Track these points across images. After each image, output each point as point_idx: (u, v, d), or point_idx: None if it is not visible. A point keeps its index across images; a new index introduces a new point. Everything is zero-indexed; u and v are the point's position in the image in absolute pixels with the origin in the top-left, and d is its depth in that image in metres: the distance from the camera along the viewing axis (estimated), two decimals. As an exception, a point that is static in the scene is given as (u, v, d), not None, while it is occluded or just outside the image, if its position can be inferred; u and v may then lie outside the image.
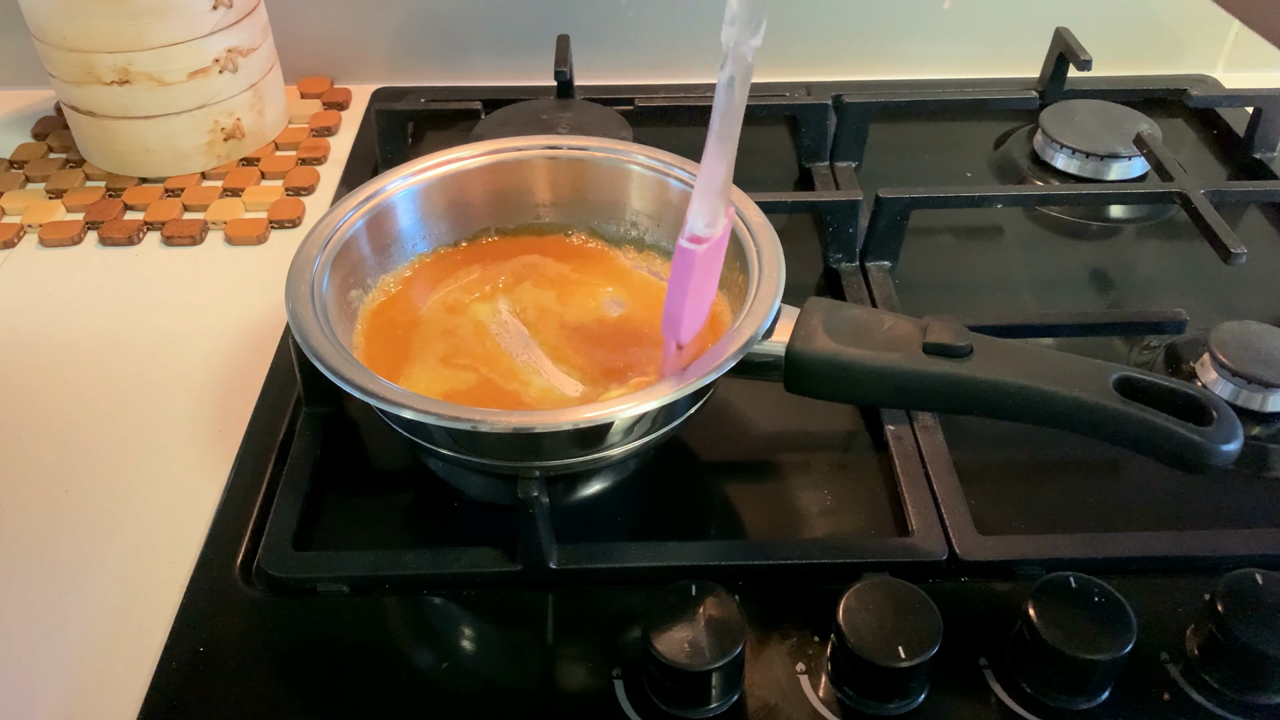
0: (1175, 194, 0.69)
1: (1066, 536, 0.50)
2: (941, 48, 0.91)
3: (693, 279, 0.46)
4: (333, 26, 0.90)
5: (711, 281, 0.48)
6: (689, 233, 0.45)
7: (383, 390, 0.45)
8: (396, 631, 0.47)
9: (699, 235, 0.45)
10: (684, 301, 0.46)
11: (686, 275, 0.46)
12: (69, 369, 0.62)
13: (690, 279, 0.46)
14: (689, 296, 0.46)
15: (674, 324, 0.47)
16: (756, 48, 0.41)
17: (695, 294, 0.47)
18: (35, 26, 0.74)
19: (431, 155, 0.60)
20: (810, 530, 0.52)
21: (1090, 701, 0.43)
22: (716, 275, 0.49)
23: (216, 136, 0.79)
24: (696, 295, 0.47)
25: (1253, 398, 0.56)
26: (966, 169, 0.81)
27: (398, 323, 0.55)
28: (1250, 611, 0.43)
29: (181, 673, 0.45)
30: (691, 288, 0.46)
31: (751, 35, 0.41)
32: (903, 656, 0.41)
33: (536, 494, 0.46)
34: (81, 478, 0.55)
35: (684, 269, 0.46)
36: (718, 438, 0.56)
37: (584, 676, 0.45)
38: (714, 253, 0.47)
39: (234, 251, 0.73)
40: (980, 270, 0.71)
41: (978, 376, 0.45)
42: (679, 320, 0.47)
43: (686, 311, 0.47)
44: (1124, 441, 0.44)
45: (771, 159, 0.82)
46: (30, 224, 0.74)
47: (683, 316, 0.47)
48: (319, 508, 0.53)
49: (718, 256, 0.48)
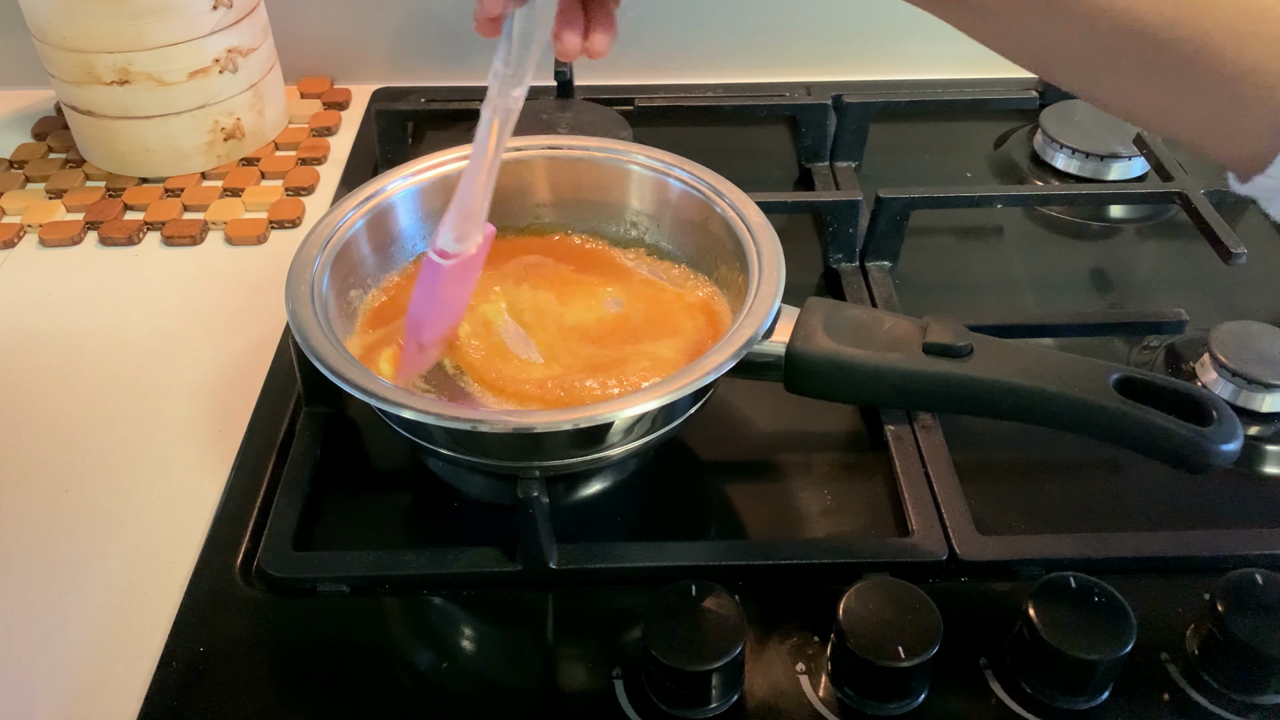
0: (1175, 194, 0.69)
1: (1066, 536, 0.50)
2: (941, 48, 0.91)
3: (440, 290, 0.49)
4: (333, 26, 0.90)
5: (463, 294, 0.51)
6: (438, 246, 0.49)
7: (383, 390, 0.45)
8: (396, 631, 0.47)
9: (447, 251, 0.49)
10: (430, 309, 0.50)
11: (434, 285, 0.49)
12: (69, 369, 0.62)
13: (437, 289, 0.49)
14: (436, 306, 0.50)
15: (417, 327, 0.50)
16: (519, 99, 0.46)
17: (442, 304, 0.50)
18: (35, 26, 0.74)
19: (431, 155, 0.60)
20: (810, 530, 0.52)
21: (1090, 701, 0.43)
22: (468, 288, 0.52)
23: (216, 136, 0.79)
24: (445, 307, 0.50)
25: (1253, 398, 0.56)
26: (966, 169, 0.81)
27: (396, 322, 0.55)
28: (1250, 611, 0.43)
29: (181, 673, 0.45)
30: (439, 297, 0.50)
31: (514, 87, 0.46)
32: (903, 656, 0.41)
33: (536, 494, 0.46)
34: (82, 478, 0.55)
35: (431, 279, 0.49)
36: (718, 438, 0.56)
37: (584, 676, 0.45)
38: (463, 269, 0.50)
39: (234, 251, 0.73)
40: (980, 270, 0.71)
41: (978, 376, 0.45)
42: (422, 324, 0.50)
43: (430, 318, 0.50)
44: (1124, 441, 0.44)
45: (771, 159, 0.82)
46: (30, 224, 0.74)
47: (425, 322, 0.50)
48: (319, 508, 0.53)
49: (469, 273, 0.51)
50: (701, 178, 0.58)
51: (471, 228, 0.49)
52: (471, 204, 0.48)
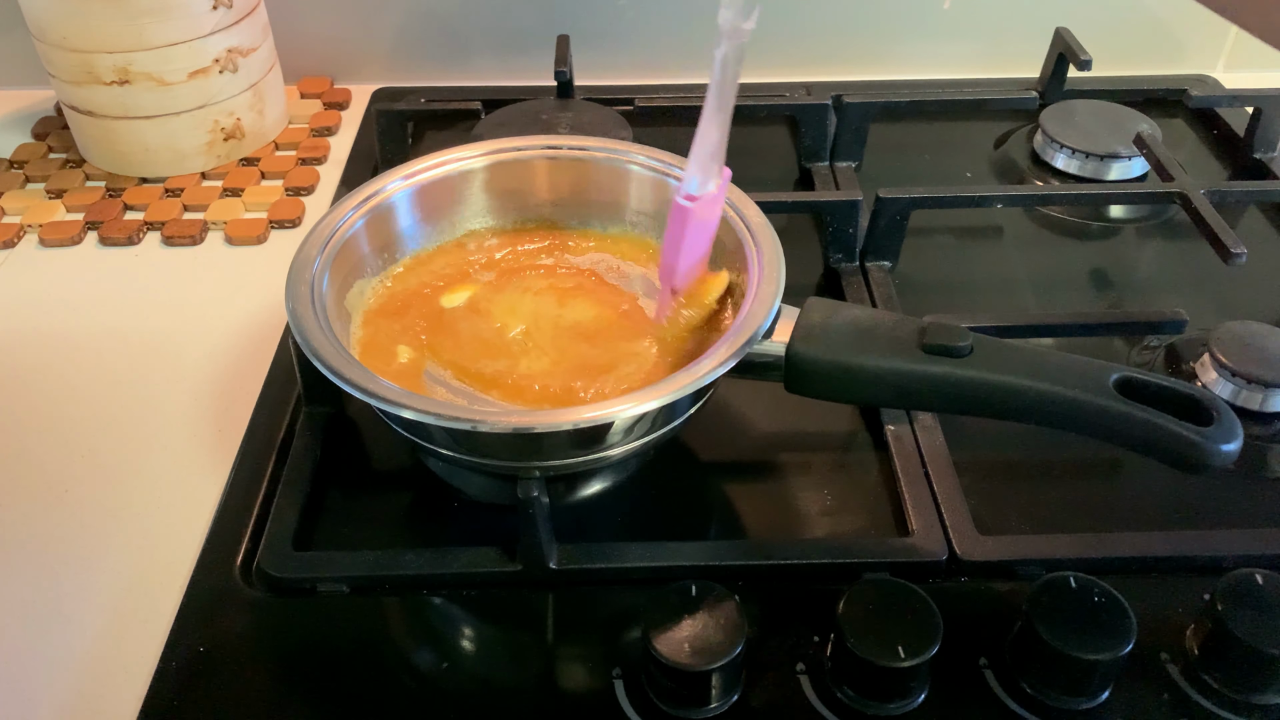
0: (1175, 194, 0.69)
1: (1066, 536, 0.50)
2: (941, 48, 0.91)
3: (687, 233, 0.51)
4: (333, 26, 0.90)
5: (705, 236, 0.53)
6: (684, 191, 0.50)
7: (383, 390, 0.45)
8: (396, 631, 0.47)
9: (693, 194, 0.50)
10: (678, 253, 0.51)
11: (681, 229, 0.51)
12: (69, 369, 0.62)
13: (685, 232, 0.51)
14: (684, 248, 0.51)
15: (669, 273, 0.52)
16: (749, 30, 0.46)
17: (690, 247, 0.52)
18: (35, 26, 0.74)
19: (431, 155, 0.60)
20: (810, 530, 0.52)
21: (1090, 701, 0.43)
22: (711, 231, 0.53)
23: (216, 136, 0.79)
24: (691, 248, 0.52)
25: (1253, 398, 0.56)
26: (966, 169, 0.81)
27: (396, 322, 0.55)
28: (1250, 611, 0.43)
29: (181, 673, 0.45)
30: (686, 241, 0.51)
31: (744, 19, 0.46)
32: (903, 656, 0.41)
33: (536, 494, 0.46)
34: (82, 478, 0.55)
35: (679, 223, 0.51)
36: (718, 438, 0.56)
37: (584, 676, 0.45)
38: (707, 209, 0.51)
39: (234, 251, 0.73)
40: (980, 270, 0.71)
41: (978, 376, 0.45)
42: (674, 269, 0.52)
43: (681, 262, 0.52)
44: (1124, 441, 0.44)
45: (771, 159, 0.82)
46: (30, 224, 0.74)
47: (677, 266, 0.52)
48: (319, 508, 0.53)
49: (712, 213, 0.52)
50: (702, 178, 0.57)
51: (713, 169, 0.50)
52: (710, 145, 0.49)
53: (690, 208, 0.50)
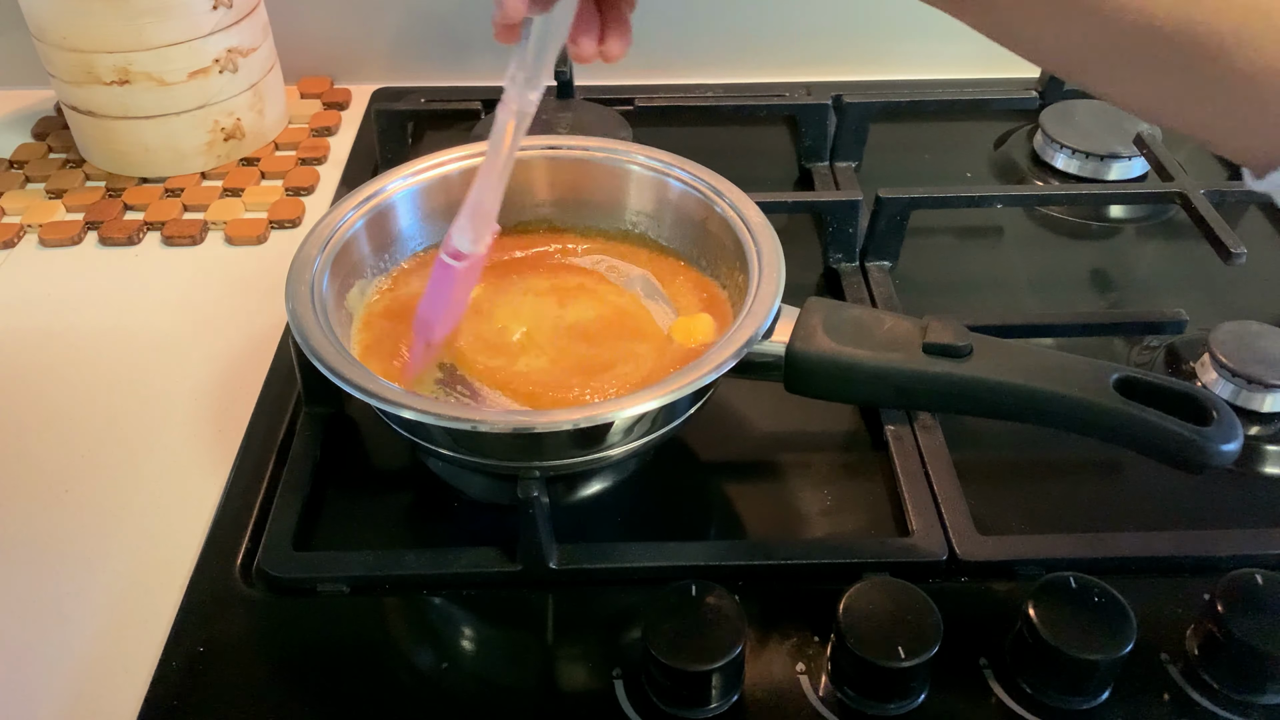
0: (1175, 194, 0.69)
1: (1066, 536, 0.50)
2: (941, 48, 0.91)
3: (453, 290, 0.50)
4: (333, 26, 0.90)
5: (467, 292, 0.53)
6: (453, 248, 0.49)
7: (383, 390, 0.45)
8: (396, 631, 0.47)
9: (462, 252, 0.49)
10: (440, 309, 0.51)
11: (447, 286, 0.50)
12: (69, 369, 0.62)
13: (450, 290, 0.50)
14: (446, 305, 0.51)
15: (427, 327, 0.51)
16: (535, 102, 0.47)
17: (453, 303, 0.51)
18: (35, 26, 0.74)
19: (431, 155, 0.60)
20: (810, 530, 0.52)
21: (1090, 701, 0.43)
22: (472, 286, 0.53)
23: (216, 136, 0.79)
24: (454, 304, 0.51)
25: (1253, 398, 0.56)
26: (966, 169, 0.81)
27: (396, 323, 0.55)
28: (1250, 611, 0.43)
29: (181, 673, 0.45)
30: (451, 297, 0.51)
31: (531, 91, 0.46)
32: (903, 656, 0.41)
33: (536, 494, 0.46)
34: (82, 478, 0.55)
35: (445, 281, 0.50)
36: (718, 438, 0.56)
37: (584, 676, 0.45)
38: (473, 269, 0.51)
39: (234, 251, 0.73)
40: (980, 270, 0.71)
41: (978, 376, 0.45)
42: (431, 325, 0.51)
43: (441, 318, 0.51)
44: (1124, 441, 0.44)
45: (771, 159, 0.82)
46: (30, 224, 0.74)
47: (435, 321, 0.51)
48: (319, 508, 0.53)
49: (476, 270, 0.51)
50: (701, 178, 0.58)
51: (485, 228, 0.50)
52: (485, 205, 0.49)
53: (457, 267, 0.49)
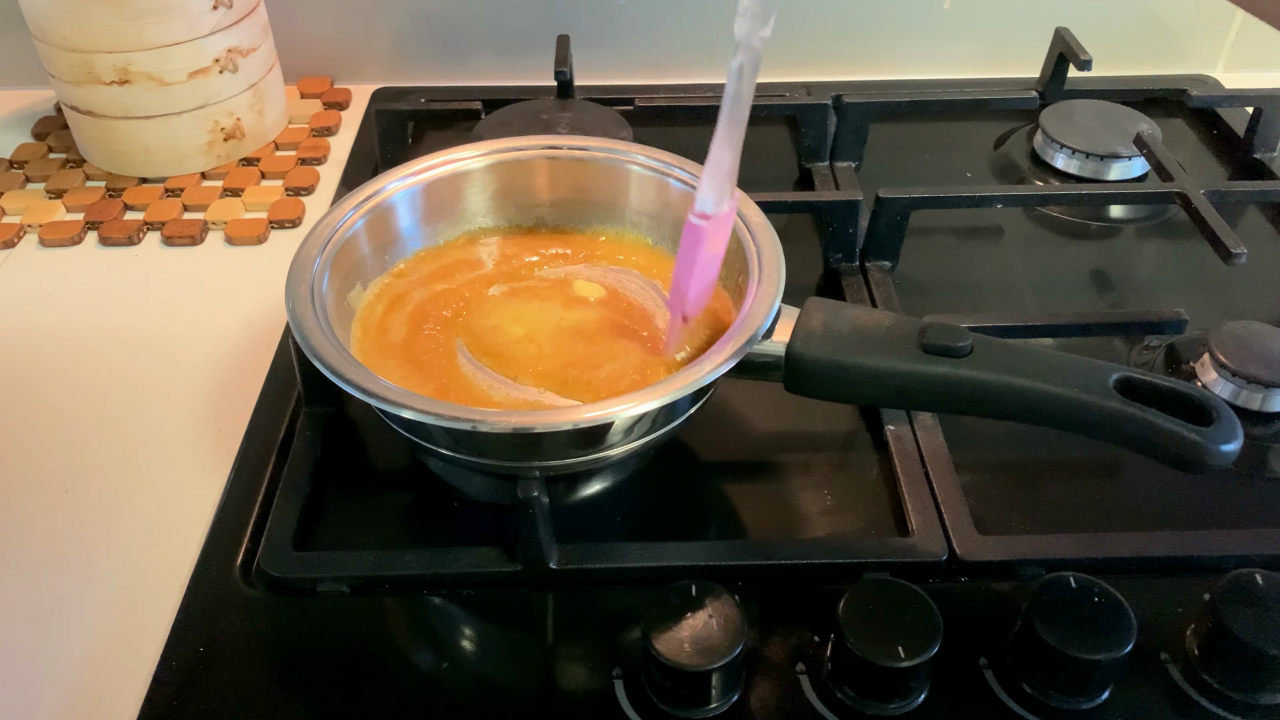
0: (1175, 194, 0.69)
1: (1066, 536, 0.50)
2: (941, 48, 0.91)
3: (700, 254, 0.48)
4: (333, 26, 0.90)
5: (717, 257, 0.50)
6: (698, 209, 0.48)
7: (383, 390, 0.45)
8: (396, 631, 0.47)
9: (707, 213, 0.48)
10: (691, 276, 0.49)
11: (694, 250, 0.48)
12: (69, 369, 0.62)
13: (698, 254, 0.48)
14: (696, 271, 0.49)
15: (680, 298, 0.50)
16: (766, 38, 0.44)
17: (702, 269, 0.49)
18: (35, 26, 0.74)
19: (431, 155, 0.60)
20: (810, 530, 0.52)
21: (1090, 701, 0.43)
22: (722, 252, 0.51)
23: (216, 136, 0.79)
24: (703, 270, 0.49)
25: (1253, 398, 0.56)
26: (966, 169, 0.81)
27: (396, 323, 0.55)
28: (1250, 611, 0.43)
29: (181, 673, 0.45)
30: (699, 263, 0.49)
31: (761, 27, 0.44)
32: (903, 656, 0.41)
33: (536, 494, 0.46)
34: (82, 478, 0.55)
35: (692, 244, 0.48)
36: (718, 438, 0.56)
37: (584, 676, 0.45)
38: (720, 229, 0.49)
39: (234, 251, 0.73)
40: (980, 270, 0.71)
41: (978, 376, 0.45)
42: (685, 294, 0.49)
43: (693, 286, 0.49)
44: (1124, 441, 0.44)
45: (771, 159, 0.82)
46: (30, 224, 0.74)
47: (689, 290, 0.49)
48: (319, 508, 0.53)
49: (724, 234, 0.50)
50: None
51: (728, 187, 0.48)
52: (726, 162, 0.47)
53: (704, 226, 0.48)
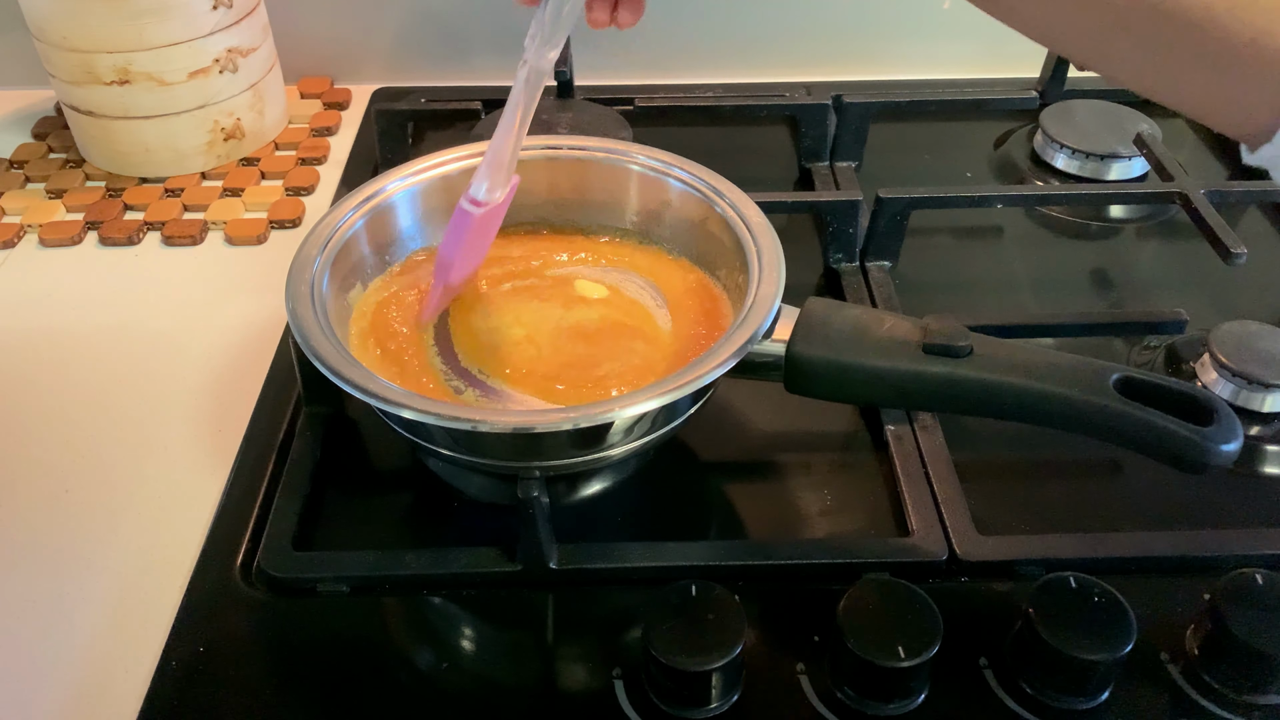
0: (1175, 194, 0.69)
1: (1066, 536, 0.50)
2: (941, 48, 0.91)
3: (468, 236, 0.53)
4: (333, 26, 0.90)
5: (487, 239, 0.55)
6: (470, 196, 0.52)
7: (383, 390, 0.45)
8: (396, 631, 0.47)
9: (479, 199, 0.52)
10: (455, 254, 0.53)
11: (463, 232, 0.53)
12: (69, 369, 0.62)
13: (466, 235, 0.53)
14: (461, 250, 0.53)
15: (445, 268, 0.54)
16: (553, 59, 0.50)
17: (468, 249, 0.54)
18: (35, 26, 0.74)
19: (431, 155, 0.60)
20: (810, 530, 0.52)
21: (1090, 701, 0.43)
22: (492, 234, 0.55)
23: (216, 136, 0.79)
24: (470, 250, 0.54)
25: (1253, 398, 0.56)
26: (966, 169, 0.81)
27: (396, 322, 0.55)
28: (1250, 611, 0.43)
29: (181, 673, 0.45)
30: (464, 244, 0.53)
31: (548, 50, 0.50)
32: (903, 656, 0.41)
33: (536, 494, 0.46)
34: (82, 478, 0.55)
35: (462, 226, 0.52)
36: (718, 438, 0.56)
37: (584, 676, 0.45)
38: (491, 216, 0.53)
39: (234, 251, 0.73)
40: (980, 270, 0.71)
41: (978, 376, 0.45)
42: (449, 270, 0.54)
43: (458, 264, 0.54)
44: (1124, 441, 0.44)
45: (771, 159, 0.82)
46: (30, 224, 0.74)
47: (453, 267, 0.53)
48: (319, 508, 0.53)
49: (495, 220, 0.54)
50: (701, 178, 0.58)
51: (501, 179, 0.52)
52: (503, 156, 0.51)
53: (474, 214, 0.52)
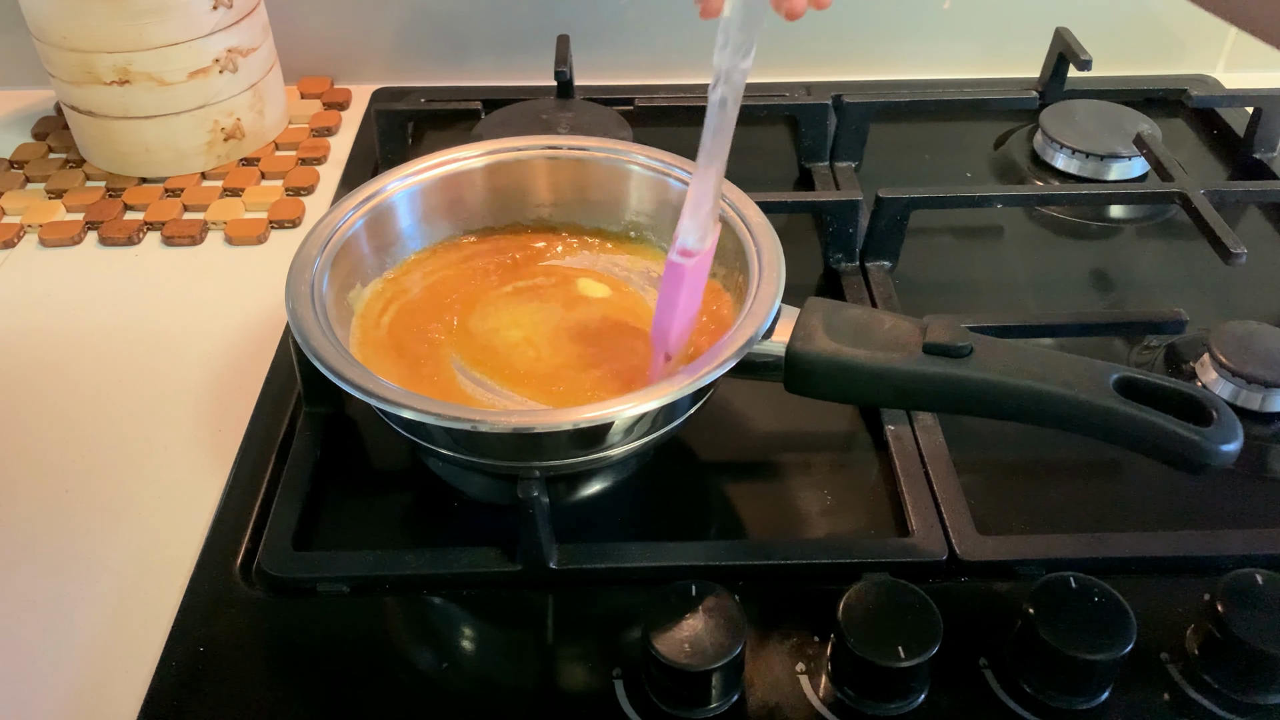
0: (1175, 194, 0.69)
1: (1066, 536, 0.50)
2: (941, 48, 0.91)
3: (683, 292, 0.48)
4: (333, 26, 0.90)
5: (698, 293, 0.50)
6: (679, 247, 0.48)
7: (383, 390, 0.45)
8: (396, 631, 0.47)
9: (689, 249, 0.48)
10: (673, 314, 0.49)
11: (677, 288, 0.48)
12: (69, 369, 0.62)
13: (680, 292, 0.48)
14: (679, 309, 0.49)
15: (663, 336, 0.49)
16: (747, 70, 0.45)
17: (685, 306, 0.49)
18: (35, 26, 0.74)
19: (431, 155, 0.60)
20: (810, 530, 0.52)
21: (1090, 701, 0.43)
22: (702, 287, 0.51)
23: (216, 136, 0.79)
24: (686, 307, 0.49)
25: (1253, 398, 0.56)
26: (966, 169, 0.81)
27: (395, 322, 0.55)
28: (1250, 611, 0.43)
29: (181, 673, 0.45)
30: (681, 300, 0.48)
31: (743, 59, 0.45)
32: (903, 656, 0.41)
33: (536, 494, 0.46)
34: (82, 478, 0.55)
35: (674, 282, 0.48)
36: (718, 438, 0.56)
37: (584, 676, 0.45)
38: (702, 265, 0.49)
39: (234, 251, 0.73)
40: (980, 270, 0.71)
41: (978, 376, 0.45)
42: (668, 332, 0.49)
43: (675, 323, 0.49)
44: (1124, 441, 0.44)
45: (771, 159, 0.82)
46: (30, 224, 0.74)
47: (671, 328, 0.49)
48: (319, 508, 0.53)
49: (704, 269, 0.50)
50: (702, 178, 0.57)
51: (710, 222, 0.48)
52: (706, 197, 0.47)
53: (686, 265, 0.47)
